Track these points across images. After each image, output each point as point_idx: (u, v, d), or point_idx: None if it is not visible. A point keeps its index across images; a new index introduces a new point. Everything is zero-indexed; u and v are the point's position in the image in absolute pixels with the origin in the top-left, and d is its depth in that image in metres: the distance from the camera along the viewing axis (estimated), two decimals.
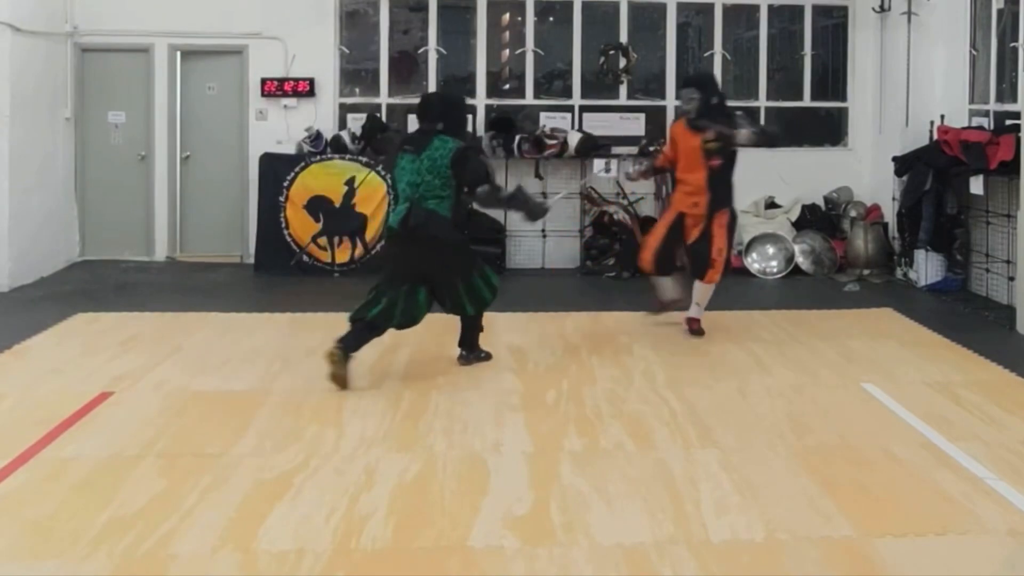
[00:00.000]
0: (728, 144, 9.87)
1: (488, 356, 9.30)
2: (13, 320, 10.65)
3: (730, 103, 10.88)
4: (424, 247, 8.60)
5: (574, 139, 13.93)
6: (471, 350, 9.24)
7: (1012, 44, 11.93)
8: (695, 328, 10.20)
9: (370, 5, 14.79)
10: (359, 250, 13.59)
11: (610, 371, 8.97)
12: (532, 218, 9.40)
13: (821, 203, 14.69)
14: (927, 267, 12.87)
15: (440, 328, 9.47)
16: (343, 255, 13.55)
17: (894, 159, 13.20)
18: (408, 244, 8.63)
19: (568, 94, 14.84)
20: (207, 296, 12.00)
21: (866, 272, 13.59)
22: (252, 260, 13.88)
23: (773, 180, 14.52)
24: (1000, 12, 12.42)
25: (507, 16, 15.23)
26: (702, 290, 10.17)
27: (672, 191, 10.64)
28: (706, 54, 15.02)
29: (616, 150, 14.21)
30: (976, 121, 12.52)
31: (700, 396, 8.21)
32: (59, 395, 8.07)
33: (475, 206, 10.83)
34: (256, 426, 7.41)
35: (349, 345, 8.45)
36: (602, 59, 14.77)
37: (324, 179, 13.61)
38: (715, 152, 9.87)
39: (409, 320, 8.74)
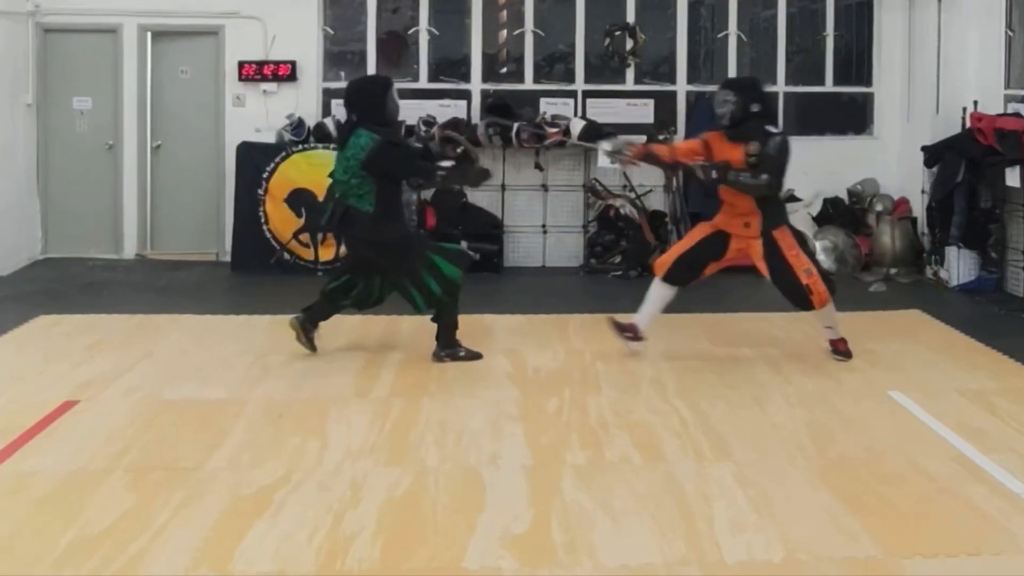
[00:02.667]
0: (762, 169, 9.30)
1: (471, 355, 9.47)
2: None
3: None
4: (355, 246, 9.34)
5: (577, 127, 13.91)
6: (444, 346, 9.44)
7: None
8: (842, 349, 9.69)
9: None
10: (344, 247, 13.57)
11: (616, 378, 8.98)
12: (475, 184, 10.20)
13: (844, 196, 14.69)
14: (959, 265, 12.87)
15: (433, 330, 9.46)
16: (327, 253, 13.54)
17: (923, 149, 13.22)
18: (346, 242, 9.56)
19: (571, 78, 14.85)
20: (180, 297, 12.01)
21: (893, 271, 13.64)
22: (229, 258, 13.89)
23: (792, 171, 14.43)
24: None
25: None
26: (820, 316, 9.65)
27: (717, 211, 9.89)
28: (720, 35, 15.06)
29: (623, 138, 14.18)
30: (1012, 107, 12.52)
31: (713, 405, 8.22)
32: (20, 404, 8.07)
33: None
34: (233, 437, 7.41)
35: (311, 315, 9.55)
36: (607, 40, 14.77)
37: (307, 170, 13.59)
38: (757, 166, 9.30)
39: (362, 302, 9.60)
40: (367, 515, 6.15)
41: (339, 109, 14.23)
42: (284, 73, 14.29)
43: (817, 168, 14.52)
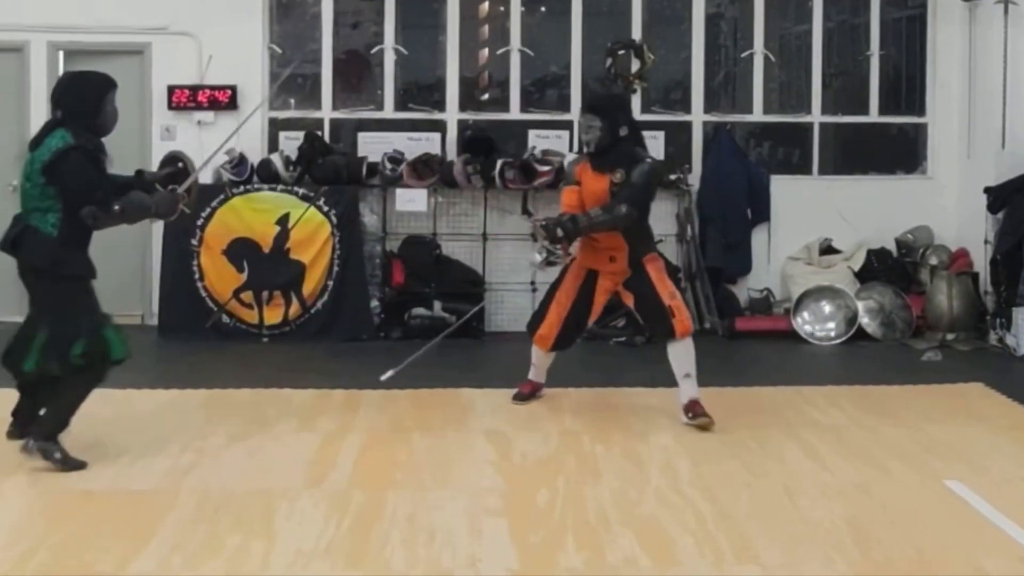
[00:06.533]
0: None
1: (70, 464, 8.61)
2: None
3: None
4: (25, 274, 8.73)
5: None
6: (44, 436, 8.61)
7: None
8: (699, 412, 9.93)
9: None
10: (294, 308, 13.61)
11: (619, 464, 9.00)
12: (165, 217, 9.32)
13: (892, 248, 14.80)
14: None
15: (400, 407, 9.48)
16: (274, 314, 13.63)
17: (987, 190, 13.27)
18: (19, 271, 8.78)
19: (565, 107, 14.94)
20: None
21: (950, 337, 13.69)
22: (156, 321, 13.93)
23: (830, 218, 14.61)
24: None
25: (486, 6, 15.32)
26: (679, 354, 10.10)
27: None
28: (744, 55, 15.15)
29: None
30: None
31: (736, 497, 8.22)
32: None
33: None
34: (161, 536, 7.39)
35: (24, 418, 8.91)
36: (609, 61, 14.86)
37: (250, 217, 13.62)
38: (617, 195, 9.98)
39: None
40: None
41: (288, 143, 14.32)
42: (223, 100, 14.29)
43: (860, 214, 14.61)
